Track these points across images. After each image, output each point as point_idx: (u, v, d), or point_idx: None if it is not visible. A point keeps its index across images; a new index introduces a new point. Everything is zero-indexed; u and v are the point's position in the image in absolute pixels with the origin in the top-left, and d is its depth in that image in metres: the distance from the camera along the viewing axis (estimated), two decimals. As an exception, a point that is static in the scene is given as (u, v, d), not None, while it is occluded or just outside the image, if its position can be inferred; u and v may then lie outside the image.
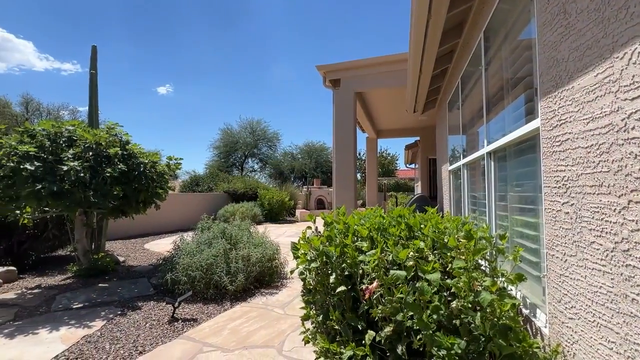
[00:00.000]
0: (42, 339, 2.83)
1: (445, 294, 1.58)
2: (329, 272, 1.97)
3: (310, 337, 1.99)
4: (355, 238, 2.05)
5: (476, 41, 2.82)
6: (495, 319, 1.40)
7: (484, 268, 1.91)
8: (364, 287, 1.70)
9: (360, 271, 1.85)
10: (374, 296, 1.60)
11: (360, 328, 1.76)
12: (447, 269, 1.66)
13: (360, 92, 6.82)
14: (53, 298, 3.86)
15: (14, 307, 3.59)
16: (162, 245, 7.52)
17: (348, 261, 1.87)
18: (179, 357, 2.55)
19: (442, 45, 3.52)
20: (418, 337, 1.46)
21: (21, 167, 3.60)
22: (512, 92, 2.21)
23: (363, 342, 1.64)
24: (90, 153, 4.20)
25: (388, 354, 1.58)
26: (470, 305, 1.46)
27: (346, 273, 1.94)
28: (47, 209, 4.43)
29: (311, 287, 2.18)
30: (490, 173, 2.45)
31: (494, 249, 1.73)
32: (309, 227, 2.39)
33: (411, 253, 1.63)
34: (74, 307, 3.59)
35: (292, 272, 2.35)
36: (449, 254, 1.75)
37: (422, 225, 2.09)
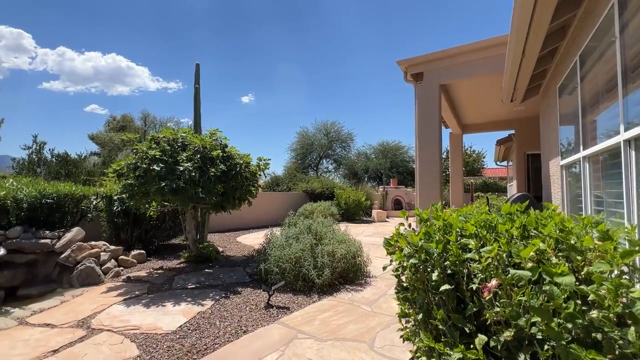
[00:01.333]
0: (168, 310, 3.38)
1: (578, 301, 1.36)
2: (429, 269, 1.89)
3: (409, 334, 1.94)
4: (457, 236, 1.92)
5: (606, 8, 2.37)
6: (656, 337, 1.15)
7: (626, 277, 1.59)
8: (473, 286, 1.58)
9: (466, 270, 1.73)
10: (487, 297, 1.47)
11: (468, 331, 1.64)
12: (582, 274, 1.43)
13: (445, 85, 6.39)
14: (172, 278, 4.57)
15: (146, 283, 4.37)
16: (251, 239, 8.25)
17: (451, 259, 1.77)
18: (277, 340, 2.76)
19: (552, 21, 3.06)
20: (545, 347, 1.30)
21: (151, 168, 4.38)
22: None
23: (472, 345, 1.53)
24: (198, 155, 4.86)
25: (505, 362, 1.43)
26: (615, 318, 1.23)
27: (448, 272, 1.84)
28: (166, 203, 5.28)
29: (407, 284, 2.12)
30: (630, 164, 2.03)
31: (645, 254, 1.42)
32: (402, 224, 2.34)
33: (532, 253, 1.45)
34: (189, 287, 4.19)
35: (385, 267, 2.33)
36: (579, 257, 1.51)
37: (537, 225, 1.86)
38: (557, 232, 1.72)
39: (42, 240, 4.68)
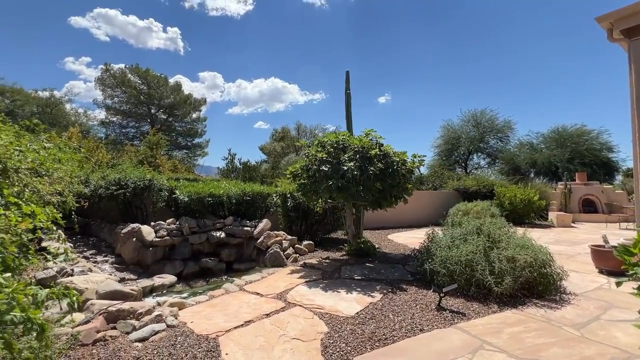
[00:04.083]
0: (343, 297, 3.71)
1: None
2: None
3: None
4: None
5: None
6: None
7: None
8: None
9: None
10: None
11: None
12: None
13: (684, 34, 4.43)
14: (339, 268, 5.02)
15: (319, 270, 4.96)
16: (403, 238, 8.16)
17: None
18: (459, 346, 2.57)
19: None
20: None
21: (320, 168, 4.96)
22: None
23: None
24: (358, 155, 5.16)
25: None
26: None
27: None
28: (330, 200, 5.87)
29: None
30: None
31: None
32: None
33: None
34: (355, 278, 4.49)
35: (619, 284, 1.79)
36: None
37: None
38: None
39: (245, 228, 6.07)
